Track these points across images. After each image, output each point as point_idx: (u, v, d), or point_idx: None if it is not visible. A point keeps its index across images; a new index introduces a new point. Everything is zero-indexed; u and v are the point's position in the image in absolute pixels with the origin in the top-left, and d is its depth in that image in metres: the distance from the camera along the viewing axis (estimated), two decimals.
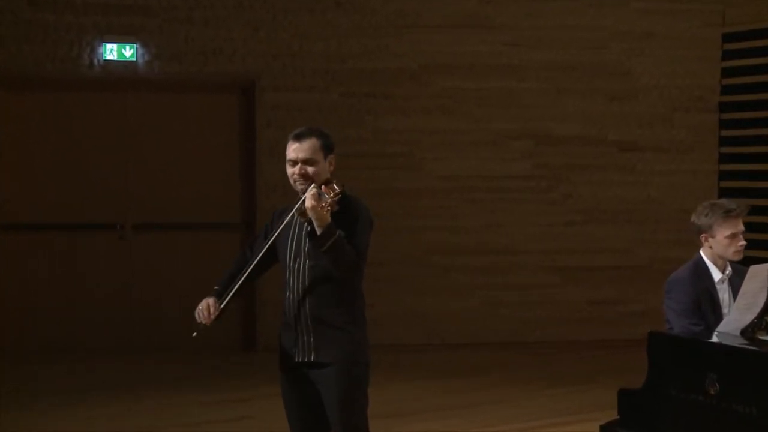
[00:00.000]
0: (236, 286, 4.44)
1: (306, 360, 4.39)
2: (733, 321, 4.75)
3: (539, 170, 10.24)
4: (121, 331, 9.66)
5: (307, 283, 4.36)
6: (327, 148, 4.40)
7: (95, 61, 9.51)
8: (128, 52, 9.53)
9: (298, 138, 4.40)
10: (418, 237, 10.01)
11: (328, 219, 4.21)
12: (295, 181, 4.40)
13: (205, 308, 4.42)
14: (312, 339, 4.37)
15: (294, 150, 4.39)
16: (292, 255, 4.41)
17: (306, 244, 4.37)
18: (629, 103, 10.36)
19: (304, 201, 4.25)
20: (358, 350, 4.40)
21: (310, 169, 4.35)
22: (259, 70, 9.74)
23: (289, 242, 4.44)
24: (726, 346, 4.56)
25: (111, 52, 9.51)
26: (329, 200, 4.23)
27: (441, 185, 10.07)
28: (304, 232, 4.39)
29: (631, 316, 10.18)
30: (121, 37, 9.51)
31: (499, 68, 10.12)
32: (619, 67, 10.32)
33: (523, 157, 10.20)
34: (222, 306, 4.42)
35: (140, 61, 9.57)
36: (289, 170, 4.41)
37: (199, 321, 4.41)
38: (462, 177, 10.09)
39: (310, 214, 4.22)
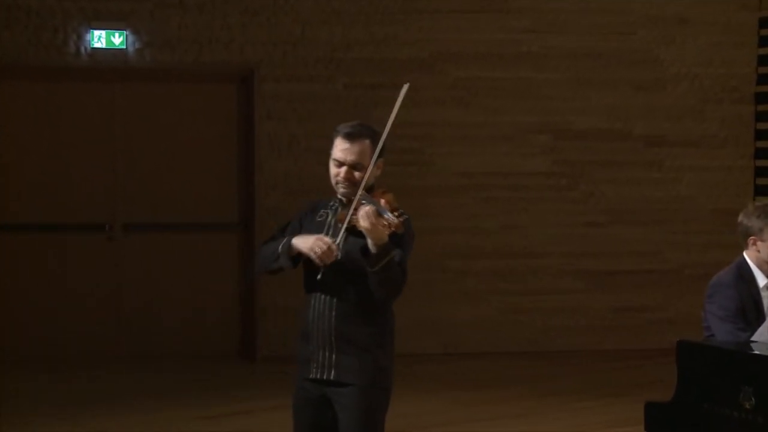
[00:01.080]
0: (352, 209, 4.17)
1: (324, 378, 4.34)
2: None
3: (560, 167, 10.25)
4: (110, 338, 9.70)
5: (334, 294, 4.30)
6: (378, 152, 4.30)
7: (82, 49, 9.55)
8: (117, 39, 9.57)
9: (350, 138, 4.31)
10: (431, 239, 9.99)
11: (386, 238, 4.14)
12: (337, 183, 4.33)
13: (328, 247, 4.19)
14: (333, 356, 4.31)
15: (343, 151, 4.30)
16: None
17: (338, 252, 4.23)
18: (657, 94, 10.36)
19: (355, 211, 4.11)
20: (382, 375, 4.34)
21: (357, 174, 4.28)
22: (258, 59, 9.76)
23: None
24: (762, 356, 4.57)
25: (99, 39, 9.54)
26: (394, 221, 4.11)
27: (454, 183, 10.08)
28: (339, 238, 4.23)
29: (659, 324, 10.18)
30: (109, 23, 9.54)
31: (516, 57, 10.13)
32: (646, 54, 10.32)
33: (543, 153, 10.21)
34: (338, 243, 4.22)
35: (130, 49, 9.60)
36: (333, 170, 4.34)
37: (323, 261, 4.20)
38: (477, 174, 10.10)
39: (367, 232, 4.10)
